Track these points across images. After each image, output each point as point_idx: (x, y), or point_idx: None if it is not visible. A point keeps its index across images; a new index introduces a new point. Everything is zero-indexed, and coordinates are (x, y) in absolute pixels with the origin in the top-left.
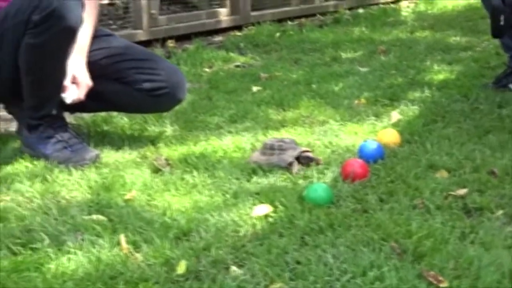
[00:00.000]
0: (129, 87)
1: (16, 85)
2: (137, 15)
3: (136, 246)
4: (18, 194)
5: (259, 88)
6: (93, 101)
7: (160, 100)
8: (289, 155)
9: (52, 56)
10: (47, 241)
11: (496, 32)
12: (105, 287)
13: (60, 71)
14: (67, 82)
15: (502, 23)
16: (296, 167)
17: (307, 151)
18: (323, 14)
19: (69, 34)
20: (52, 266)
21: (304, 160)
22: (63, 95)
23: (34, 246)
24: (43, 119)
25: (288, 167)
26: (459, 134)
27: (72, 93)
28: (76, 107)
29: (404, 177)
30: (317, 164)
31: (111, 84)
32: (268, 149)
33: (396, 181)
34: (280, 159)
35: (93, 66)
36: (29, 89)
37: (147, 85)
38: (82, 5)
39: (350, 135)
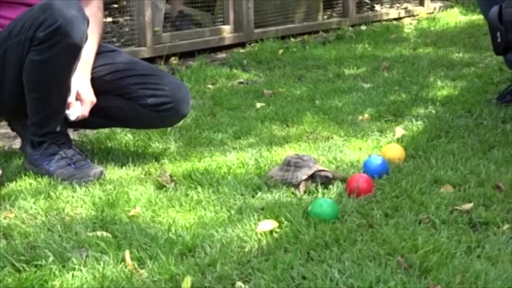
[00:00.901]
0: (133, 103)
1: (19, 102)
2: (141, 32)
3: (141, 262)
4: (22, 211)
5: (262, 104)
6: (97, 117)
7: (164, 115)
8: (303, 173)
9: (56, 72)
10: (51, 258)
11: (495, 49)
12: None
13: (64, 88)
14: (71, 98)
15: (499, 40)
16: (302, 188)
17: (325, 170)
18: (326, 31)
19: (74, 51)
20: (56, 283)
21: (322, 180)
22: (67, 112)
23: (38, 263)
24: (47, 136)
25: (297, 186)
26: (464, 149)
27: (76, 110)
28: (80, 123)
29: (409, 192)
30: (339, 180)
31: (115, 100)
32: (286, 165)
33: (401, 196)
34: (293, 176)
35: (97, 82)
36: (33, 106)
37: (151, 100)
38: (87, 22)
39: (354, 150)
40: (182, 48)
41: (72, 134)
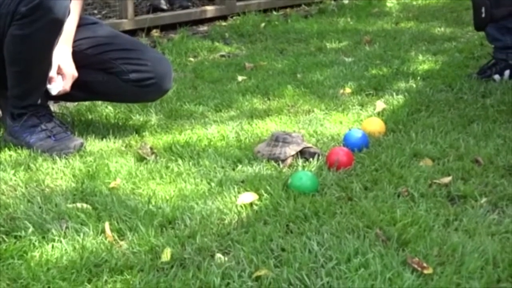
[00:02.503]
0: (116, 78)
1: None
2: (122, 4)
3: (120, 234)
4: (1, 183)
5: (244, 77)
6: (78, 91)
7: (147, 90)
8: (292, 149)
9: (38, 47)
10: (31, 229)
11: (478, 24)
12: (90, 275)
13: (45, 62)
14: (52, 73)
15: (483, 15)
16: (288, 162)
17: (311, 147)
18: (308, 4)
19: (56, 25)
20: (36, 254)
21: (308, 156)
22: (49, 86)
23: (18, 234)
24: (27, 108)
25: (284, 161)
26: (444, 123)
27: (58, 84)
28: (61, 96)
29: (388, 165)
30: (317, 156)
31: (97, 74)
32: (274, 140)
33: (381, 170)
34: (282, 152)
35: (78, 56)
36: (13, 79)
37: (134, 75)
38: None
39: (335, 124)
40: (163, 20)
41: (53, 106)
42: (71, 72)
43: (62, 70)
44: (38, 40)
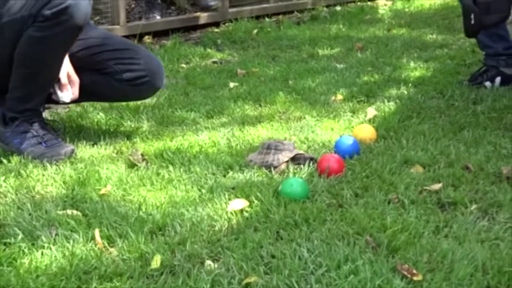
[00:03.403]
0: (109, 78)
1: (3, 77)
2: (114, 10)
3: (110, 240)
4: None
5: (236, 84)
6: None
7: (140, 88)
8: (284, 156)
9: (53, 50)
10: (20, 236)
11: (468, 31)
12: (79, 282)
13: (55, 67)
14: (64, 80)
15: (472, 22)
16: (281, 168)
17: (304, 154)
18: (300, 11)
19: (75, 31)
20: (25, 261)
21: (303, 161)
22: (61, 94)
23: (7, 241)
24: (23, 112)
25: (281, 167)
26: (434, 130)
27: (69, 91)
28: (52, 100)
29: (379, 172)
30: (312, 161)
31: (90, 75)
32: (266, 148)
33: (371, 176)
34: (275, 159)
35: (71, 59)
36: (19, 80)
37: (127, 75)
38: (91, 6)
39: (326, 130)
40: (156, 27)
41: (44, 113)
42: (77, 78)
43: (71, 77)
44: (56, 43)
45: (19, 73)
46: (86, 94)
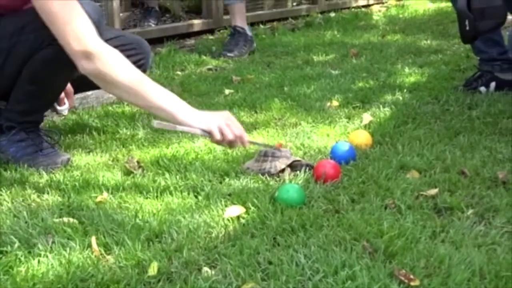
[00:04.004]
0: None
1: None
2: (109, 18)
3: (107, 248)
4: None
5: (231, 91)
6: (76, 87)
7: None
8: (282, 163)
9: (64, 73)
10: (17, 244)
11: (464, 37)
12: None
13: (63, 86)
14: (62, 94)
15: (467, 28)
16: (287, 174)
17: (300, 160)
18: (295, 18)
19: None
20: (22, 269)
21: (300, 167)
22: (60, 108)
23: (3, 249)
24: (23, 124)
25: (278, 174)
26: (430, 135)
27: (66, 105)
28: None
29: (375, 177)
30: (310, 168)
31: None
32: (262, 156)
33: (368, 182)
34: (272, 166)
35: None
36: (25, 95)
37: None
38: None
39: (322, 136)
40: (150, 34)
41: None
42: (71, 88)
43: (66, 89)
44: (68, 66)
45: (25, 89)
46: (83, 84)
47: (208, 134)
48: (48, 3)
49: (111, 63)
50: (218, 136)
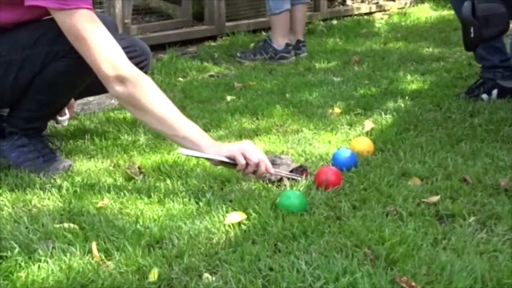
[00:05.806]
0: None
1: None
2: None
3: (108, 254)
4: None
5: (233, 97)
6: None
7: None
8: (282, 170)
9: (75, 86)
10: (17, 249)
11: (468, 44)
12: None
13: (71, 97)
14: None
15: (472, 35)
16: (287, 183)
17: (301, 167)
18: None
19: None
20: (22, 274)
21: (296, 172)
22: (61, 119)
23: (3, 254)
24: (27, 130)
25: (278, 183)
26: (432, 142)
27: (67, 115)
28: None
29: (377, 184)
30: (304, 170)
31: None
32: None
33: (369, 189)
34: (272, 173)
35: None
36: (34, 104)
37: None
38: None
39: (323, 143)
40: (152, 40)
41: None
42: (73, 100)
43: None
44: (79, 79)
45: (34, 98)
46: (92, 89)
47: (233, 160)
48: (77, 27)
49: (144, 88)
50: (242, 161)
